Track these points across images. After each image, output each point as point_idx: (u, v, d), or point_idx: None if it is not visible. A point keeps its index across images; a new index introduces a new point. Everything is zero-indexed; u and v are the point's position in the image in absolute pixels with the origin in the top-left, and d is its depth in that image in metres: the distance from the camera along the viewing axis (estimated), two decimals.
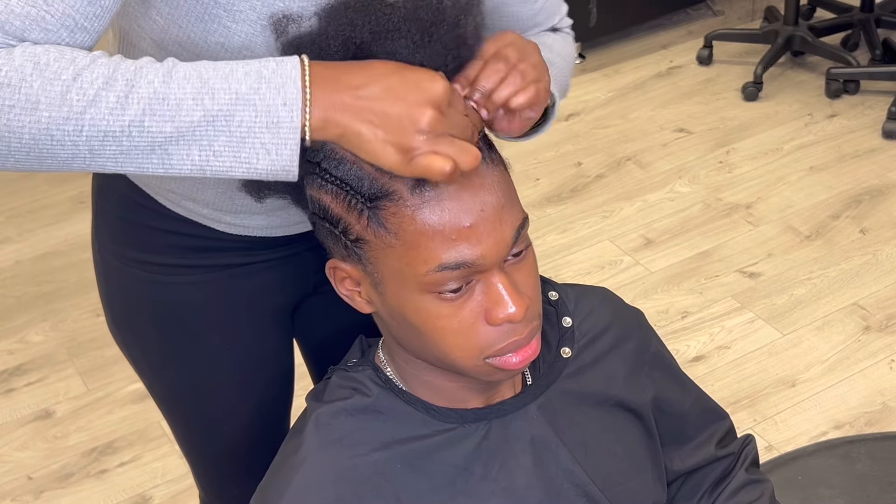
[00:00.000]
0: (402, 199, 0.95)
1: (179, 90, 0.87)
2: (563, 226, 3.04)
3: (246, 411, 1.36)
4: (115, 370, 2.64)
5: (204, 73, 0.88)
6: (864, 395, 2.40)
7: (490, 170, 0.98)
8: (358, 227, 0.98)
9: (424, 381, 1.09)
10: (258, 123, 0.88)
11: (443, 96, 0.91)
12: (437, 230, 0.95)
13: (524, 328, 1.01)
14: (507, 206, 0.98)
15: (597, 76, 3.75)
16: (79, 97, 0.86)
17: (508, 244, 0.98)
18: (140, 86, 0.86)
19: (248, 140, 0.88)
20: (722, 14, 4.11)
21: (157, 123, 0.87)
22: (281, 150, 0.89)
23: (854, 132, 3.34)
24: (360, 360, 1.13)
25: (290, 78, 0.88)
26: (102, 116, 0.86)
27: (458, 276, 0.97)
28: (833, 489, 1.62)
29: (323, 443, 1.06)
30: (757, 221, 2.98)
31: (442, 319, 0.99)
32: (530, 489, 1.08)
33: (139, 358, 1.36)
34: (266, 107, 0.88)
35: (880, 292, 2.69)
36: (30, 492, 2.35)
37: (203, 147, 0.88)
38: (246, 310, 1.29)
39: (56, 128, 0.86)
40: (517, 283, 1.00)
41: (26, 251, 3.13)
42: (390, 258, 0.98)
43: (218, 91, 0.87)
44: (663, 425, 1.22)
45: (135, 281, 1.27)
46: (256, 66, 0.89)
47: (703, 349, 2.57)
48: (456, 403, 1.09)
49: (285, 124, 0.88)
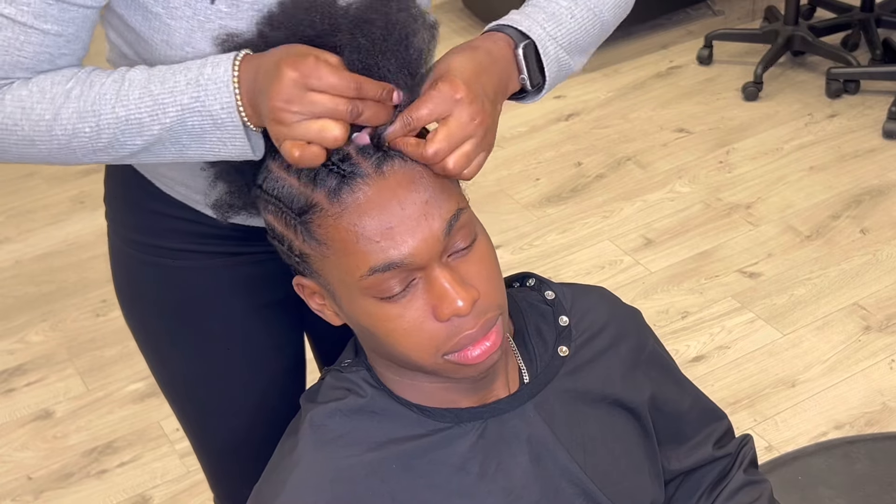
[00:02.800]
0: (324, 209, 0.96)
1: (137, 111, 0.99)
2: (563, 226, 3.04)
3: (251, 406, 1.36)
4: (115, 370, 2.64)
5: (154, 89, 0.99)
6: (864, 395, 2.40)
7: (411, 164, 0.97)
8: (297, 242, 1.00)
9: (410, 385, 1.09)
10: (207, 125, 0.99)
11: (308, 71, 0.91)
12: (360, 235, 0.96)
13: (475, 321, 1.00)
14: (433, 200, 0.97)
15: (597, 76, 3.75)
16: (62, 132, 1.01)
17: (439, 238, 0.97)
18: (105, 114, 1.00)
19: (205, 137, 1.00)
20: (722, 14, 4.11)
21: (129, 139, 1.01)
22: (234, 141, 0.99)
23: (854, 132, 3.34)
24: (354, 360, 1.13)
25: (223, 82, 0.97)
26: (85, 143, 1.01)
27: (393, 276, 0.97)
28: (833, 489, 1.62)
29: (318, 443, 1.06)
30: (757, 221, 2.98)
31: (391, 321, 1.00)
32: (527, 488, 1.08)
33: (143, 342, 1.38)
34: (208, 112, 0.98)
35: (880, 292, 2.69)
36: (30, 492, 2.35)
37: (174, 145, 1.01)
38: (246, 300, 1.30)
39: (53, 156, 1.03)
40: (464, 276, 0.99)
41: (26, 251, 3.13)
42: (331, 269, 0.99)
43: (167, 106, 0.98)
44: (661, 424, 1.22)
45: (139, 264, 1.30)
46: (195, 72, 0.98)
47: (702, 349, 2.57)
48: (448, 404, 1.09)
49: (228, 124, 0.98)
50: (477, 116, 0.97)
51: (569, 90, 3.68)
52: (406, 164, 0.97)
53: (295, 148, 0.92)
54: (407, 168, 0.97)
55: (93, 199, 3.31)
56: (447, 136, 0.95)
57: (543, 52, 1.08)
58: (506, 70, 1.05)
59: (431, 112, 0.96)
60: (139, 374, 2.62)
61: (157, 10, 1.04)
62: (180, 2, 1.04)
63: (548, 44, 1.08)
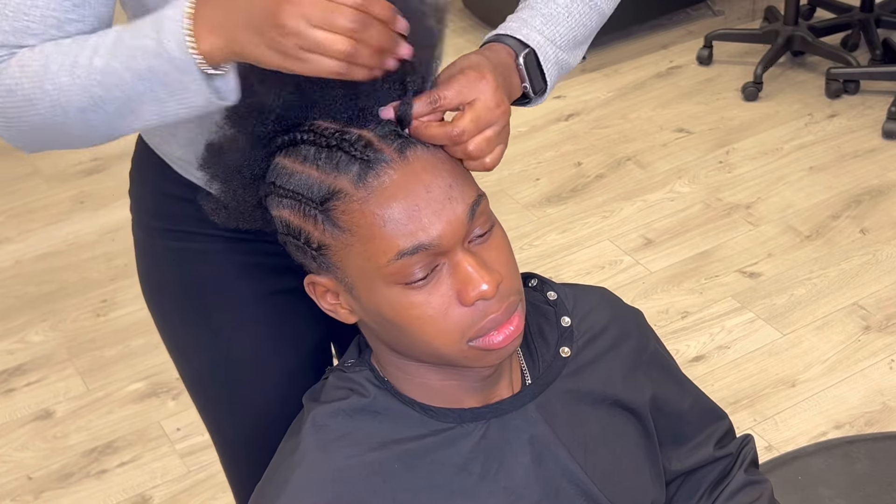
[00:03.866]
0: (348, 195, 0.96)
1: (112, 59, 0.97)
2: (563, 226, 3.04)
3: (266, 398, 1.34)
4: (115, 370, 2.64)
5: (125, 36, 0.97)
6: (864, 395, 2.40)
7: (432, 151, 0.99)
8: (317, 233, 1.00)
9: (418, 383, 1.09)
10: (168, 70, 0.95)
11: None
12: (387, 218, 0.96)
13: (499, 304, 1.01)
14: (455, 185, 0.99)
15: (597, 76, 3.75)
16: (52, 87, 0.99)
17: (463, 222, 0.98)
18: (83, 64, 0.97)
19: (177, 94, 0.97)
20: (722, 14, 4.11)
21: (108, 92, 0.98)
22: (201, 94, 0.96)
23: (854, 132, 3.34)
24: (358, 360, 1.13)
25: (177, 19, 0.93)
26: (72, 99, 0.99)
27: (420, 261, 0.97)
28: (833, 489, 1.62)
29: (320, 443, 1.06)
30: (757, 221, 2.98)
31: (416, 308, 1.00)
32: (529, 488, 1.08)
33: (166, 332, 1.38)
34: (168, 54, 0.94)
35: (880, 292, 2.69)
36: (30, 492, 2.35)
37: (152, 99, 0.98)
38: (267, 285, 1.30)
39: (50, 120, 1.01)
40: (486, 261, 1.00)
41: (26, 251, 3.13)
42: (353, 258, 0.99)
43: (134, 50, 0.96)
44: (662, 425, 1.22)
45: (162, 250, 1.30)
46: (159, 13, 0.95)
47: (703, 349, 2.57)
48: (453, 403, 1.09)
49: (191, 86, 0.96)
50: (502, 104, 0.98)
51: (569, 90, 3.68)
52: (428, 150, 0.98)
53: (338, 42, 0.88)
54: (429, 153, 0.98)
55: (93, 199, 3.31)
56: (475, 119, 0.97)
57: (543, 58, 1.09)
58: (508, 78, 1.07)
59: (458, 93, 0.97)
60: (139, 374, 2.62)
61: None
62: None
63: (547, 48, 1.09)
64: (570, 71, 1.15)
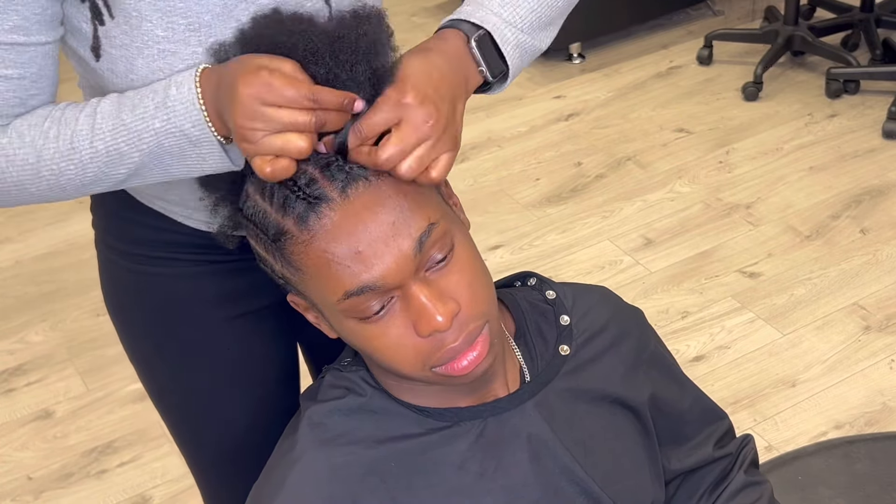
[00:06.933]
0: (294, 235, 0.96)
1: (114, 143, 1.00)
2: (563, 226, 3.04)
3: (240, 418, 1.34)
4: (115, 370, 2.64)
5: (125, 118, 1.00)
6: (864, 395, 2.40)
7: (375, 186, 0.96)
8: (277, 266, 1.01)
9: (408, 388, 1.09)
10: (184, 144, 1.00)
11: (262, 87, 0.91)
12: (330, 260, 0.95)
13: (457, 334, 0.99)
14: (400, 220, 0.96)
15: (597, 76, 3.75)
16: (48, 173, 1.02)
17: (409, 257, 0.96)
18: (84, 150, 1.01)
19: (186, 155, 1.01)
20: (722, 14, 4.11)
21: (113, 170, 1.02)
22: (211, 156, 1.01)
23: (854, 132, 3.34)
24: (354, 359, 1.13)
25: (189, 101, 0.98)
26: (73, 180, 1.03)
27: (370, 298, 0.97)
28: (833, 489, 1.62)
29: (317, 442, 1.06)
30: (757, 221, 2.98)
31: (374, 340, 1.00)
32: (528, 487, 1.08)
33: (131, 353, 1.37)
34: (181, 132, 0.99)
35: (880, 292, 2.69)
36: (30, 492, 2.35)
37: (158, 166, 1.02)
38: (230, 309, 1.29)
39: (47, 195, 1.05)
40: (443, 290, 0.98)
41: (26, 251, 3.13)
42: (309, 291, 1.00)
43: (142, 133, 0.99)
44: (661, 424, 1.22)
45: (123, 271, 1.29)
46: (161, 95, 0.99)
47: (703, 349, 2.57)
48: (446, 404, 1.09)
49: (203, 140, 0.99)
50: (430, 118, 0.95)
51: (569, 90, 3.68)
52: (370, 185, 0.96)
53: (265, 164, 0.93)
54: (372, 189, 0.96)
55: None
56: (399, 141, 0.94)
57: (501, 39, 1.05)
58: (462, 67, 1.03)
59: (381, 119, 0.95)
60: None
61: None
62: (117, 31, 1.03)
63: (505, 30, 1.05)
64: (538, 54, 1.11)
